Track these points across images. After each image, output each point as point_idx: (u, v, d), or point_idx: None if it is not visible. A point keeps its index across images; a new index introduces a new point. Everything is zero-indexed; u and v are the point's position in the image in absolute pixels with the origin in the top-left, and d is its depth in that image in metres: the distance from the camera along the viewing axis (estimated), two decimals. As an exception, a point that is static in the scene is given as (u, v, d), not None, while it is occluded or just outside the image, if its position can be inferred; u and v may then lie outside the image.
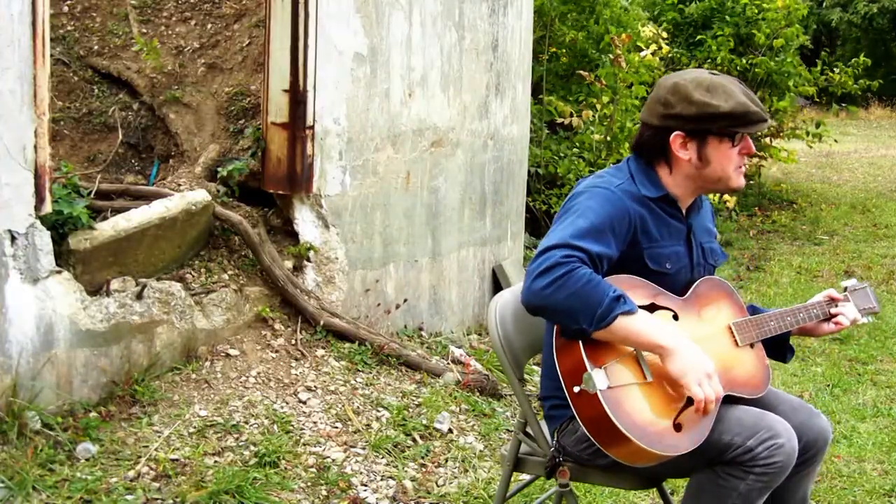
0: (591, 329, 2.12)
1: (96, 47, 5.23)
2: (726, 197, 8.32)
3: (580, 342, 2.17)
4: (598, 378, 2.13)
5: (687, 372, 2.13)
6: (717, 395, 2.16)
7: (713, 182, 2.39)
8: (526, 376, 3.04)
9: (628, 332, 2.14)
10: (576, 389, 2.16)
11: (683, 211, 2.45)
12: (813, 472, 2.47)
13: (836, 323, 2.55)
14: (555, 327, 2.25)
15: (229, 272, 4.12)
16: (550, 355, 2.35)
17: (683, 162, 2.36)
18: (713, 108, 2.29)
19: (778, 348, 2.58)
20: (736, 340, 2.41)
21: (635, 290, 2.28)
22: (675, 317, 2.34)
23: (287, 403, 3.75)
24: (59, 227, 3.41)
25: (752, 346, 2.44)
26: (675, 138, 2.35)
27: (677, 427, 2.18)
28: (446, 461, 3.67)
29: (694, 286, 2.42)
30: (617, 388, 2.15)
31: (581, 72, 7.55)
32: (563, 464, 2.45)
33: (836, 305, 2.57)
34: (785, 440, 2.21)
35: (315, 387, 3.91)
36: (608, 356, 2.19)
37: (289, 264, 4.32)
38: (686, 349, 2.15)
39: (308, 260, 4.38)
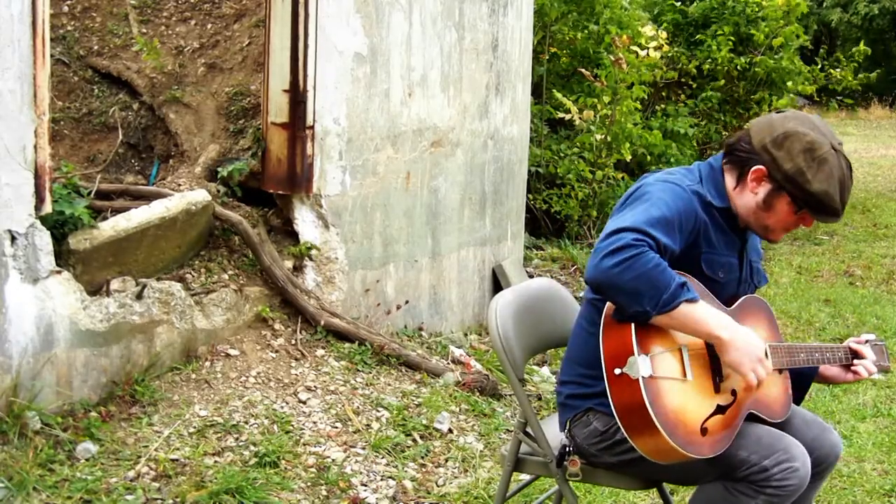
0: (654, 312, 2.13)
1: (96, 47, 5.23)
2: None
3: (632, 326, 2.17)
4: (643, 364, 2.14)
5: (743, 362, 2.19)
6: (767, 372, 2.22)
7: (760, 226, 2.40)
8: (526, 376, 3.03)
9: (689, 320, 2.15)
10: (617, 371, 2.16)
11: (741, 226, 2.46)
12: (819, 485, 2.49)
13: (855, 373, 2.57)
14: (604, 309, 2.25)
15: (229, 272, 4.12)
16: (584, 338, 2.38)
17: (749, 193, 2.36)
18: (802, 181, 2.28)
19: (798, 388, 2.57)
20: None
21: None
22: None
23: (287, 403, 3.75)
24: (59, 227, 3.41)
25: (780, 372, 2.45)
26: (757, 171, 2.33)
27: (703, 431, 2.19)
28: (446, 461, 3.66)
29: (740, 300, 2.43)
30: (658, 378, 2.16)
31: (582, 69, 7.54)
32: (573, 454, 2.44)
33: (856, 356, 2.60)
34: (800, 464, 2.22)
35: (315, 387, 3.91)
36: (655, 346, 2.19)
37: (289, 264, 4.32)
38: (741, 340, 2.18)
39: (308, 259, 4.38)
